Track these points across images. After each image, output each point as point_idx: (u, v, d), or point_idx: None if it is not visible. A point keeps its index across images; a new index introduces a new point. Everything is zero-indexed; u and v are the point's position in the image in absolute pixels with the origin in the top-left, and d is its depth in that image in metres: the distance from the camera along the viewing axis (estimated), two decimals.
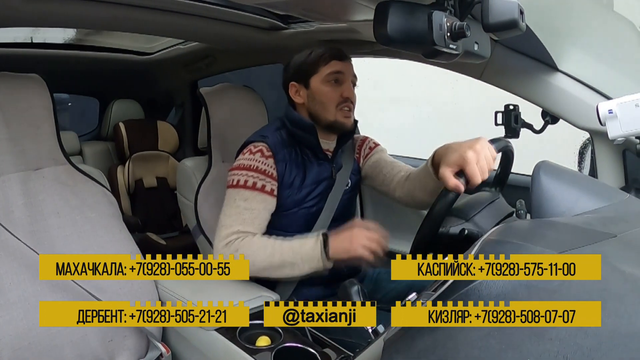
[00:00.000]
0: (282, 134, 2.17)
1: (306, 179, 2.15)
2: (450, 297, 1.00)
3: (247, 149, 2.12)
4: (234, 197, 2.06)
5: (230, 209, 2.05)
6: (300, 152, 2.16)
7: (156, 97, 4.71)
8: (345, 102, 2.12)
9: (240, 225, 2.01)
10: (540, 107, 2.08)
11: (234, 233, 2.01)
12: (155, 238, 3.92)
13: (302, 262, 1.95)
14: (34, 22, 2.63)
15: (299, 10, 2.03)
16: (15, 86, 1.91)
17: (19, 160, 1.91)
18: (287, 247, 1.96)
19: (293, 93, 2.22)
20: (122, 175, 4.19)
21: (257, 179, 2.04)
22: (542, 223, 1.31)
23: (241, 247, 1.97)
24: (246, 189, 2.04)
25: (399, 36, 1.28)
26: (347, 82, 2.14)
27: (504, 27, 1.38)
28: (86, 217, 1.98)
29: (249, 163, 2.07)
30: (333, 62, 2.13)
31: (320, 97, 2.14)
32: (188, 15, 2.39)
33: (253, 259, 1.96)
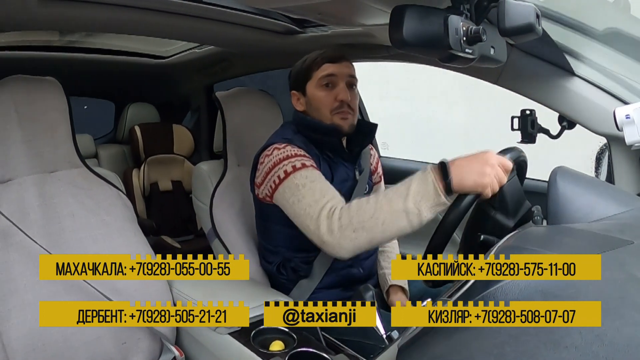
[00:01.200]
0: (302, 138, 2.12)
1: (334, 178, 2.11)
2: (466, 303, 0.99)
3: (272, 148, 2.04)
4: (294, 183, 1.90)
5: (300, 193, 1.87)
6: (322, 153, 2.13)
7: (172, 101, 4.72)
8: (341, 106, 2.08)
9: (323, 198, 1.83)
10: (557, 112, 2.07)
11: (326, 205, 1.79)
12: (170, 241, 3.93)
13: (418, 205, 1.62)
14: (49, 26, 2.64)
15: (315, 14, 2.02)
16: (32, 89, 1.92)
17: (35, 163, 1.92)
18: (392, 194, 1.67)
19: (295, 101, 2.21)
20: (138, 179, 4.20)
21: (303, 160, 1.95)
22: (558, 229, 1.30)
23: (343, 214, 1.73)
24: (299, 170, 1.91)
25: (414, 40, 1.28)
26: (340, 84, 2.09)
27: (520, 31, 1.37)
28: (101, 219, 1.99)
29: (285, 154, 1.98)
30: (325, 66, 2.10)
31: (315, 102, 2.11)
32: (204, 19, 2.39)
33: (359, 221, 1.69)
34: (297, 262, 2.14)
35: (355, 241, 1.71)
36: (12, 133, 1.87)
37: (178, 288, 2.03)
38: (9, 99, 1.87)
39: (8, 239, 1.78)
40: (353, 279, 2.16)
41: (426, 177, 1.62)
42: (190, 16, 2.34)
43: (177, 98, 4.66)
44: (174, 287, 2.03)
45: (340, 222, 1.72)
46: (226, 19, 2.42)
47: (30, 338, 1.71)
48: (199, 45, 3.77)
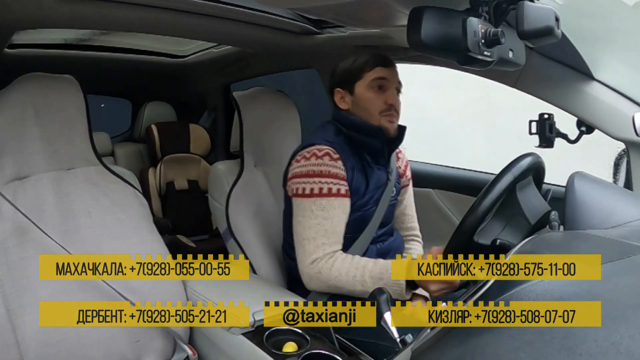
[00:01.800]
0: (343, 140, 2.15)
1: (369, 185, 2.15)
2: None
3: (311, 152, 2.08)
4: (310, 207, 2.02)
5: (308, 221, 2.02)
6: (360, 158, 2.16)
7: (189, 100, 4.73)
8: (389, 109, 2.12)
9: (323, 237, 2.00)
10: (575, 117, 2.05)
11: (319, 248, 2.00)
12: (185, 240, 3.94)
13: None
14: (68, 24, 2.64)
15: (332, 15, 2.02)
16: (49, 87, 1.93)
17: (52, 160, 1.93)
18: (368, 279, 1.95)
19: (338, 99, 2.22)
20: (154, 177, 4.21)
21: (331, 184, 2.02)
22: (575, 235, 1.29)
23: (324, 270, 1.99)
24: (322, 197, 2.01)
25: (432, 42, 1.27)
26: (391, 89, 2.13)
27: (539, 34, 1.36)
28: (117, 218, 1.99)
29: (319, 169, 2.03)
30: (377, 69, 2.12)
31: (364, 103, 2.13)
32: (221, 19, 2.39)
33: (336, 283, 1.98)
34: None
35: (324, 289, 2.05)
36: (29, 130, 1.88)
37: (192, 288, 2.03)
38: (27, 96, 1.88)
39: (24, 236, 1.78)
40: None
41: (399, 282, 1.92)
42: (208, 16, 2.34)
43: (194, 97, 4.67)
44: (188, 286, 2.03)
45: (319, 275, 2.00)
46: (244, 19, 2.42)
47: (44, 334, 1.71)
48: (216, 45, 3.77)
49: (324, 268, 1.97)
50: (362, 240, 2.14)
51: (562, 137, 2.11)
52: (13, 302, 1.70)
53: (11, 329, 1.67)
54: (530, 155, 1.66)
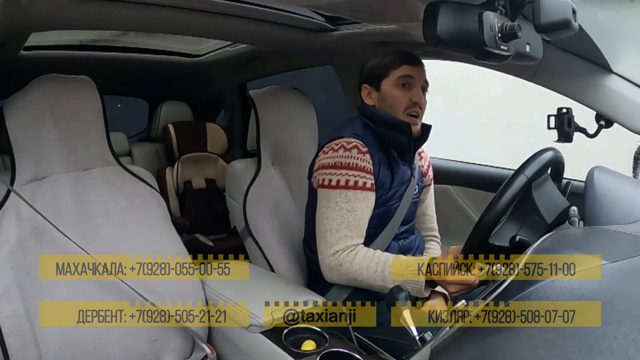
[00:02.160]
0: (370, 134, 2.16)
1: (394, 180, 2.16)
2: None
3: (340, 144, 2.08)
4: (335, 198, 2.03)
5: (332, 212, 2.02)
6: (387, 152, 2.16)
7: (205, 99, 4.73)
8: (413, 106, 2.12)
9: (345, 230, 2.00)
10: (594, 111, 2.03)
11: (341, 240, 2.00)
12: (203, 239, 3.94)
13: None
14: (84, 25, 2.65)
15: (348, 11, 2.01)
16: (66, 88, 1.93)
17: (69, 161, 1.94)
18: (388, 275, 1.95)
19: (365, 95, 2.22)
20: (171, 177, 4.21)
21: (357, 177, 2.02)
22: (595, 231, 1.28)
23: (345, 262, 1.99)
24: (347, 189, 2.01)
25: (448, 37, 1.26)
26: (416, 87, 2.13)
27: (557, 28, 1.35)
28: (135, 217, 2.00)
29: (347, 161, 2.04)
30: (404, 67, 2.12)
31: (389, 100, 2.14)
32: (236, 18, 2.39)
33: (356, 276, 1.99)
34: None
35: (343, 282, 2.06)
36: (47, 131, 1.89)
37: (210, 287, 2.03)
38: (44, 97, 1.89)
39: (42, 236, 1.80)
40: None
41: (419, 282, 1.93)
42: (223, 14, 2.34)
43: (210, 96, 4.67)
44: (207, 285, 2.04)
45: (340, 268, 2.00)
46: (259, 17, 2.41)
47: (63, 334, 1.73)
48: (231, 44, 3.77)
49: (345, 261, 1.97)
50: (384, 236, 2.14)
51: (581, 132, 2.09)
52: (32, 302, 1.71)
53: (30, 329, 1.68)
54: (549, 150, 1.65)
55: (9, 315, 1.67)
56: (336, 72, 3.13)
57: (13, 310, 1.68)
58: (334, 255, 1.99)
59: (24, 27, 2.21)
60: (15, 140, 1.86)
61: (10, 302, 1.68)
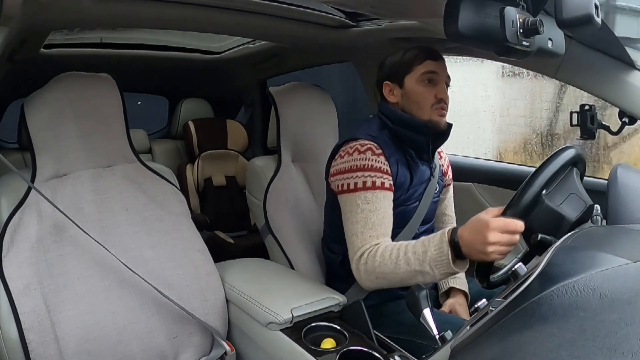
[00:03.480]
0: (387, 134, 2.14)
1: (413, 180, 2.14)
2: (522, 304, 0.97)
3: (354, 147, 2.06)
4: (355, 202, 1.99)
5: (355, 215, 1.98)
6: (404, 152, 2.14)
7: (225, 96, 4.74)
8: (439, 102, 2.09)
9: (370, 230, 1.95)
10: (617, 107, 2.01)
11: (366, 241, 1.95)
12: (224, 236, 3.94)
13: (433, 269, 1.77)
14: (103, 23, 2.66)
15: (368, 7, 2.01)
16: (86, 85, 1.95)
17: (90, 158, 1.95)
18: (411, 256, 1.82)
19: (387, 92, 2.20)
20: (192, 174, 4.22)
21: (375, 178, 1.99)
22: (618, 230, 1.26)
23: (369, 259, 1.91)
24: (366, 191, 1.98)
25: (470, 33, 1.25)
26: (440, 82, 2.11)
27: (579, 23, 1.33)
28: (155, 214, 2.00)
29: (362, 163, 2.01)
30: (427, 62, 2.10)
31: (415, 96, 2.11)
32: (256, 14, 2.38)
33: (381, 269, 1.88)
34: None
35: (375, 283, 1.93)
36: (67, 129, 1.90)
37: (231, 284, 2.03)
38: (64, 95, 1.90)
39: (63, 233, 1.81)
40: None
41: (442, 248, 1.75)
42: (243, 12, 2.34)
43: (230, 93, 4.68)
44: (227, 283, 2.04)
45: (366, 267, 1.92)
46: (279, 13, 2.41)
47: (83, 330, 1.74)
48: (251, 41, 3.77)
49: (369, 258, 1.92)
50: (404, 236, 2.12)
51: (604, 129, 2.06)
52: (52, 299, 1.73)
53: (50, 325, 1.69)
54: (569, 148, 1.63)
55: (30, 311, 1.68)
56: (356, 68, 3.12)
57: (34, 306, 1.69)
58: (360, 257, 1.94)
59: (44, 26, 2.22)
60: (36, 137, 1.88)
61: (31, 298, 1.70)
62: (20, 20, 1.70)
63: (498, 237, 1.59)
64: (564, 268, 1.00)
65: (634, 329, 0.80)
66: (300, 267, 2.32)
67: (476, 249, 1.65)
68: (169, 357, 1.88)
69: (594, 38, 1.86)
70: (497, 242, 1.59)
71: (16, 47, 2.22)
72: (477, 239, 1.65)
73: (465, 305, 2.20)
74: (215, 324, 1.96)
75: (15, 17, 1.61)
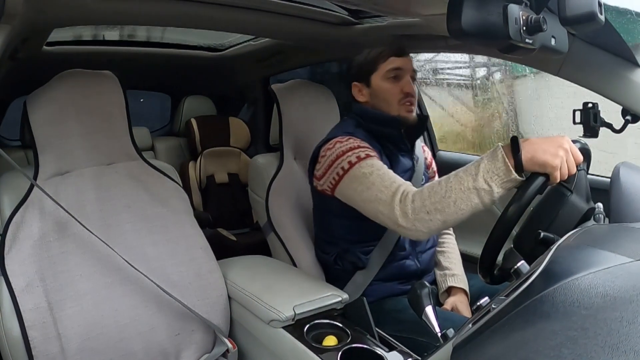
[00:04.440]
0: (363, 131, 2.15)
1: (395, 170, 2.08)
2: (524, 302, 0.96)
3: (334, 142, 2.05)
4: (359, 171, 1.90)
5: (367, 181, 1.87)
6: (383, 146, 2.16)
7: (228, 94, 4.74)
8: (406, 97, 2.12)
9: (391, 180, 1.84)
10: (621, 105, 2.00)
11: (397, 190, 1.79)
12: (226, 234, 3.95)
13: (488, 182, 1.60)
14: (104, 20, 2.66)
15: (371, 4, 2.01)
16: (89, 83, 1.95)
17: (92, 155, 1.96)
18: (463, 174, 1.66)
19: (356, 92, 2.23)
20: (194, 171, 4.23)
21: (365, 151, 1.96)
22: (621, 228, 1.26)
23: (415, 196, 1.73)
24: (363, 160, 1.93)
25: (473, 30, 1.25)
26: (406, 77, 2.13)
27: (582, 20, 1.33)
28: (157, 212, 2.01)
29: (348, 146, 1.99)
30: (391, 59, 2.14)
31: (382, 94, 2.14)
32: (259, 12, 2.38)
33: (433, 198, 1.68)
34: (355, 253, 2.16)
35: (429, 223, 1.70)
36: (70, 126, 1.91)
37: (233, 281, 2.03)
38: (66, 92, 1.90)
39: (65, 230, 1.81)
40: (409, 272, 2.19)
41: (496, 154, 1.60)
42: (246, 9, 2.34)
43: (233, 91, 4.68)
44: (229, 280, 2.04)
45: (413, 205, 1.72)
46: (281, 11, 2.41)
47: (85, 327, 1.74)
48: (254, 38, 3.77)
49: (416, 195, 1.74)
50: None
51: (607, 127, 2.06)
52: (54, 296, 1.73)
53: (53, 322, 1.70)
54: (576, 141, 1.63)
55: (32, 309, 1.68)
56: None
57: (36, 303, 1.69)
58: (402, 201, 1.76)
59: (47, 23, 2.22)
60: (39, 135, 1.88)
61: (33, 295, 1.70)
62: (22, 18, 1.70)
63: (569, 149, 1.53)
64: (566, 266, 1.00)
65: (635, 327, 0.80)
66: (303, 264, 2.32)
67: (544, 148, 1.53)
68: (171, 354, 1.88)
69: (597, 36, 1.86)
70: (568, 152, 1.53)
71: (18, 45, 2.22)
72: (548, 141, 1.55)
73: (466, 302, 2.20)
74: (218, 322, 1.96)
75: (17, 15, 1.61)
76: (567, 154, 1.51)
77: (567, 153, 1.51)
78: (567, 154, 1.51)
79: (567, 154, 1.51)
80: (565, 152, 1.52)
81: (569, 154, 1.52)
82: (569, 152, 1.52)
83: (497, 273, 1.66)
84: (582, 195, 1.58)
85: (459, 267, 2.34)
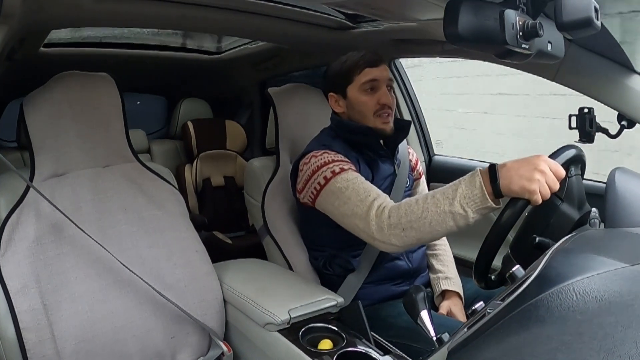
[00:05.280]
0: (340, 141, 2.16)
1: (375, 176, 2.15)
2: (519, 307, 0.96)
3: (309, 156, 2.07)
4: (334, 187, 1.92)
5: (343, 195, 1.89)
6: (361, 153, 2.16)
7: (224, 97, 4.74)
8: (382, 108, 2.11)
9: (367, 194, 1.85)
10: (616, 111, 2.01)
11: (373, 203, 1.81)
12: (222, 237, 3.95)
13: (464, 208, 1.60)
14: (103, 22, 2.67)
15: (368, 9, 2.01)
16: (86, 85, 1.95)
17: (89, 157, 1.96)
18: (440, 196, 1.66)
19: (333, 103, 2.23)
20: (190, 174, 4.23)
21: (340, 165, 1.97)
22: (616, 233, 1.26)
23: (392, 213, 1.74)
24: (338, 175, 1.94)
25: (469, 35, 1.25)
26: (382, 87, 2.12)
27: (579, 26, 1.33)
28: (153, 214, 2.00)
29: (322, 161, 2.01)
30: (367, 70, 2.12)
31: (358, 106, 2.14)
32: (256, 15, 2.39)
33: (409, 217, 1.69)
34: (343, 257, 2.17)
35: (404, 239, 1.72)
36: (66, 128, 1.91)
37: (228, 284, 2.03)
38: (63, 94, 1.90)
39: (61, 232, 1.81)
40: (401, 272, 2.19)
41: (474, 180, 1.61)
42: (243, 12, 2.34)
43: (229, 94, 4.68)
44: (224, 283, 2.04)
45: (389, 220, 1.74)
46: (279, 14, 2.41)
47: (81, 329, 1.74)
48: (251, 41, 3.77)
49: (392, 211, 1.75)
50: None
51: (603, 132, 2.06)
52: (50, 298, 1.73)
53: (48, 324, 1.69)
54: (570, 147, 1.63)
55: (27, 310, 1.68)
56: None
57: (31, 305, 1.69)
58: (378, 215, 1.77)
59: (44, 24, 2.23)
60: (35, 136, 1.88)
61: (29, 297, 1.70)
62: (19, 18, 1.70)
63: (547, 170, 1.51)
64: (561, 271, 1.00)
65: (631, 332, 0.80)
66: (298, 268, 2.32)
67: (520, 174, 1.53)
68: (166, 357, 1.88)
69: (593, 41, 1.86)
70: (545, 173, 1.50)
71: (15, 46, 2.22)
72: (524, 165, 1.54)
73: (460, 306, 2.20)
74: (213, 324, 1.95)
75: (14, 16, 1.61)
76: (544, 175, 1.50)
77: (543, 174, 1.50)
78: (545, 175, 1.50)
79: (545, 175, 1.50)
80: (541, 173, 1.51)
81: (546, 175, 1.51)
82: (545, 173, 1.51)
83: (493, 278, 1.67)
84: (573, 203, 1.58)
85: (453, 269, 2.35)
